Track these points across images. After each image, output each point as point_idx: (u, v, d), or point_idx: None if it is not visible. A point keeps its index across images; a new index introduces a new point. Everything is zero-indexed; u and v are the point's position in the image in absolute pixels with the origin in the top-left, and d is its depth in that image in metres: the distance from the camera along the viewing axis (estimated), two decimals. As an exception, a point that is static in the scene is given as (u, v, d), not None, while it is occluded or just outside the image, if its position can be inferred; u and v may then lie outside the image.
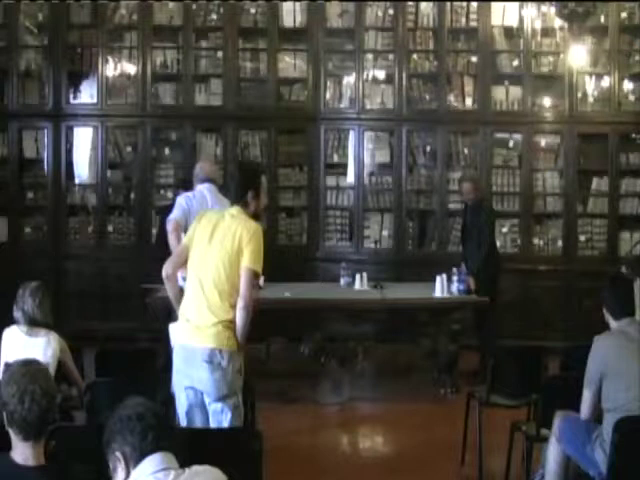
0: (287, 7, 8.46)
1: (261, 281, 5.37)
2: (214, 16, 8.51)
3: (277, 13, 8.44)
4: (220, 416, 3.86)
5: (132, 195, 8.58)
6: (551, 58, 8.37)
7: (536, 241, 8.39)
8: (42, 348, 4.37)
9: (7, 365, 3.83)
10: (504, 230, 8.31)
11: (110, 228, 8.51)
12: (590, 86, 8.28)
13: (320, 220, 8.47)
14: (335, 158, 8.59)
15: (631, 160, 8.33)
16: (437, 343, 6.60)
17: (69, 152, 8.54)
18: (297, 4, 8.45)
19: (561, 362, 4.90)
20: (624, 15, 8.26)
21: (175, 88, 8.54)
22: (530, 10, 7.93)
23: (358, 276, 6.88)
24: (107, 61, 8.40)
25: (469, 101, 8.43)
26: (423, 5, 8.41)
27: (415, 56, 8.53)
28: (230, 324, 3.88)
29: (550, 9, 7.66)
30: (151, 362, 4.75)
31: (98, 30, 8.40)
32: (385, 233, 8.51)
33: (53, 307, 4.60)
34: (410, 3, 8.39)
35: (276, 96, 8.50)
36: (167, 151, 8.68)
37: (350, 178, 8.51)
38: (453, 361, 6.56)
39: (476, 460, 4.74)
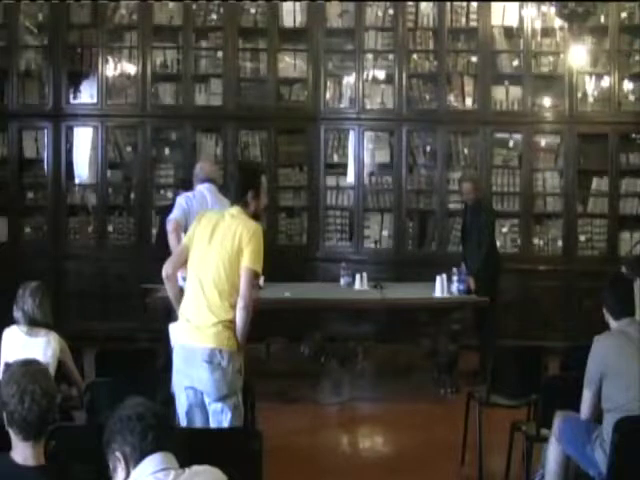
0: (287, 7, 8.46)
1: (261, 281, 5.38)
2: (214, 16, 8.51)
3: (277, 13, 8.44)
4: (220, 416, 3.86)
5: (132, 195, 8.58)
6: (551, 58, 8.37)
7: (536, 241, 8.39)
8: (42, 348, 4.37)
9: (7, 365, 3.84)
10: (504, 230, 8.31)
11: (110, 228, 8.51)
12: (590, 86, 8.28)
13: (320, 220, 8.47)
14: (335, 158, 8.59)
15: (631, 160, 8.33)
16: (437, 343, 6.60)
17: (69, 152, 8.54)
18: (297, 4, 8.45)
19: (561, 362, 4.89)
20: (624, 15, 8.26)
21: (175, 88, 8.54)
22: (530, 10, 7.92)
23: (358, 276, 6.88)
24: (107, 61, 8.40)
25: (469, 101, 8.44)
26: (423, 5, 8.41)
27: (415, 56, 8.53)
28: (230, 324, 3.87)
29: (550, 9, 7.66)
30: (151, 362, 4.75)
31: (98, 30, 8.40)
32: (385, 233, 8.51)
33: (53, 307, 4.60)
34: (410, 3, 8.39)
35: (276, 96, 8.50)
36: (167, 151, 8.68)
37: (350, 178, 8.51)
38: (453, 361, 6.56)
39: (476, 460, 4.74)
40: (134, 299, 7.59)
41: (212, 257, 3.92)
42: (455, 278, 6.56)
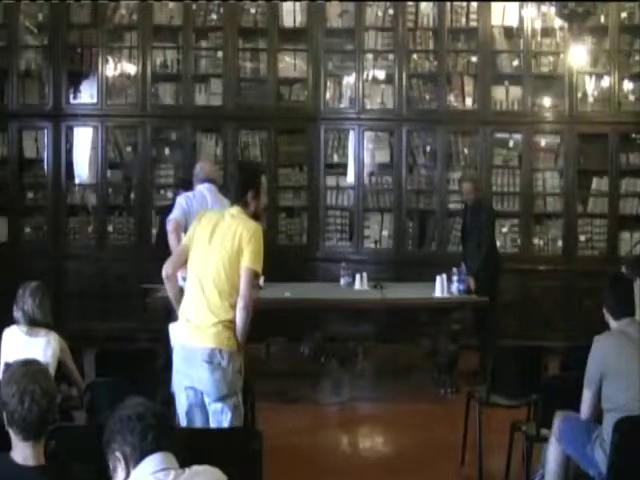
0: (287, 7, 8.46)
1: (261, 281, 5.37)
2: (214, 16, 8.51)
3: (277, 13, 8.44)
4: (220, 416, 3.86)
5: (132, 195, 8.58)
6: (551, 58, 8.37)
7: (536, 241, 8.40)
8: (42, 348, 4.37)
9: (7, 365, 3.84)
10: (504, 230, 8.31)
11: (110, 228, 8.51)
12: (590, 86, 8.28)
13: (320, 220, 8.47)
14: (335, 158, 8.59)
15: (631, 160, 8.33)
16: (437, 343, 6.60)
17: (69, 152, 8.54)
18: (297, 4, 8.45)
19: (561, 362, 4.89)
20: (624, 15, 8.26)
21: (175, 88, 8.54)
22: (530, 10, 7.93)
23: (358, 276, 6.88)
24: (107, 61, 8.40)
25: (469, 101, 8.44)
26: (423, 5, 8.41)
27: (415, 56, 8.53)
28: (230, 324, 3.87)
29: (550, 9, 7.66)
30: (151, 362, 4.75)
31: (98, 30, 8.40)
32: (385, 233, 8.51)
33: (53, 307, 4.60)
34: (410, 3, 8.39)
35: (276, 96, 8.50)
36: (167, 151, 8.68)
37: (350, 178, 8.51)
38: (453, 361, 6.56)
39: (476, 460, 4.74)
40: (134, 299, 7.59)
41: (212, 257, 3.92)
42: (455, 278, 6.56)
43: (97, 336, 7.13)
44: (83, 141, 8.59)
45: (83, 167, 8.64)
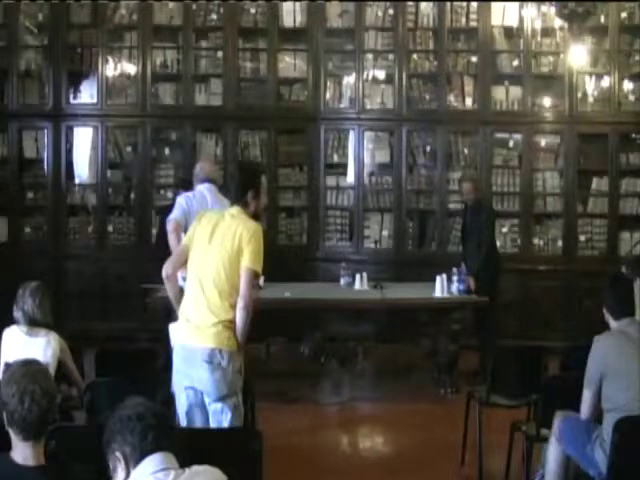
0: (287, 7, 8.46)
1: (261, 281, 5.38)
2: (214, 16, 8.51)
3: (277, 13, 8.44)
4: (220, 416, 3.86)
5: (132, 195, 8.58)
6: (551, 58, 8.37)
7: (536, 241, 8.40)
8: (42, 348, 4.37)
9: (7, 365, 3.84)
10: (504, 230, 8.31)
11: (110, 228, 8.51)
12: (590, 86, 8.29)
13: (320, 220, 8.47)
14: (335, 158, 8.59)
15: (631, 160, 8.33)
16: (437, 343, 6.60)
17: (69, 152, 8.54)
18: (297, 4, 8.45)
19: (561, 362, 4.89)
20: (624, 15, 8.26)
21: (175, 88, 8.54)
22: (530, 10, 7.93)
23: (358, 276, 6.88)
24: (107, 61, 8.40)
25: (469, 101, 8.44)
26: (423, 5, 8.42)
27: (415, 56, 8.53)
28: (230, 324, 3.88)
29: (550, 9, 7.66)
30: (151, 362, 4.75)
31: (98, 30, 8.40)
32: (385, 233, 8.51)
33: (53, 307, 4.60)
34: (410, 3, 8.39)
35: (276, 96, 8.50)
36: (167, 151, 8.68)
37: (350, 178, 8.51)
38: (453, 361, 6.56)
39: (476, 460, 4.74)
40: (134, 299, 7.59)
41: (212, 257, 3.93)
42: (455, 278, 6.56)
43: (97, 336, 7.13)
44: (83, 141, 8.59)
45: (83, 167, 8.64)
